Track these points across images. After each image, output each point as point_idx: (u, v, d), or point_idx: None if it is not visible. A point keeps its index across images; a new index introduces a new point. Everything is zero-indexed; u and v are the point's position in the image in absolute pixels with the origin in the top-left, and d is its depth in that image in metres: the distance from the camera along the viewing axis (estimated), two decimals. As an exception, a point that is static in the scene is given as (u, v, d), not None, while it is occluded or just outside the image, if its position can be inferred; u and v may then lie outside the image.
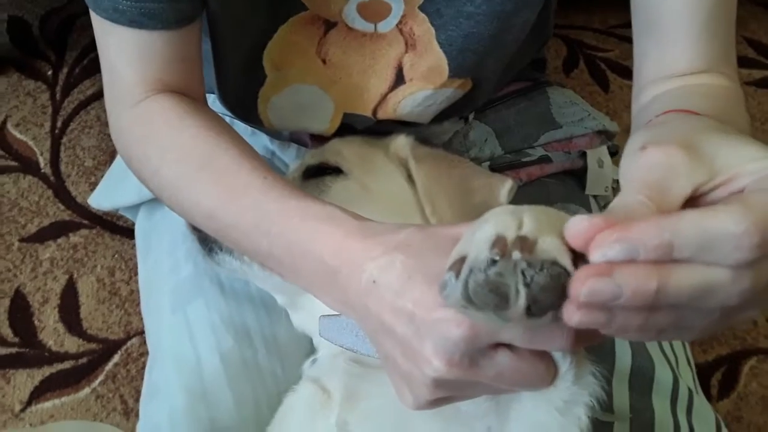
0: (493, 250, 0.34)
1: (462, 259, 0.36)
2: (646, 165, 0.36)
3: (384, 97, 0.71)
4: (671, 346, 0.73)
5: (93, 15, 0.59)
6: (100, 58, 0.62)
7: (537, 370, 0.40)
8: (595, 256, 0.32)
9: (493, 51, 0.69)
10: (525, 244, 0.34)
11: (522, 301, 0.34)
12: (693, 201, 0.36)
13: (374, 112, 0.73)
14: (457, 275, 0.35)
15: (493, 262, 0.34)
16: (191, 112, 0.60)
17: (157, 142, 0.60)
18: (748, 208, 0.32)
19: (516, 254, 0.34)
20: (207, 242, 0.68)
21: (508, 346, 0.40)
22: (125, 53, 0.60)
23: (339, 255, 0.46)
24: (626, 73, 1.55)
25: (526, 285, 0.33)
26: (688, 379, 0.71)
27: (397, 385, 0.45)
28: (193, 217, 0.59)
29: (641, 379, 0.67)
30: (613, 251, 0.32)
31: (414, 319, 0.40)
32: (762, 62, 1.71)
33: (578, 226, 0.33)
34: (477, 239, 0.36)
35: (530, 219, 0.37)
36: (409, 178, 0.68)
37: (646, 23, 0.62)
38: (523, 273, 0.34)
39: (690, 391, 0.68)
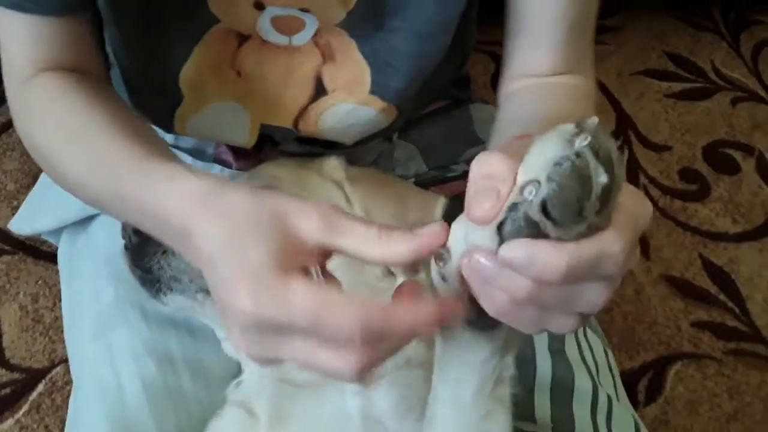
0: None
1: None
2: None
3: (305, 109, 0.72)
4: (592, 353, 0.75)
5: None
6: None
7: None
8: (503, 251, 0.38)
9: (412, 71, 0.70)
10: None
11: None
12: None
13: (295, 124, 0.73)
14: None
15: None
16: (73, 86, 0.61)
17: (36, 116, 0.61)
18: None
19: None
20: (154, 284, 0.68)
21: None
22: (13, 34, 0.61)
23: (178, 218, 0.46)
24: (552, 87, 1.59)
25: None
26: (608, 386, 0.72)
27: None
28: (73, 191, 0.60)
29: (562, 388, 0.68)
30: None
31: (219, 293, 0.42)
32: (681, 75, 1.77)
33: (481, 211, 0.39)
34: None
35: None
36: (346, 198, 0.68)
37: (516, 25, 0.67)
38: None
39: (609, 398, 0.70)
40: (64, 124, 0.59)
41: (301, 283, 0.39)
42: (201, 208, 0.45)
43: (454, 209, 0.73)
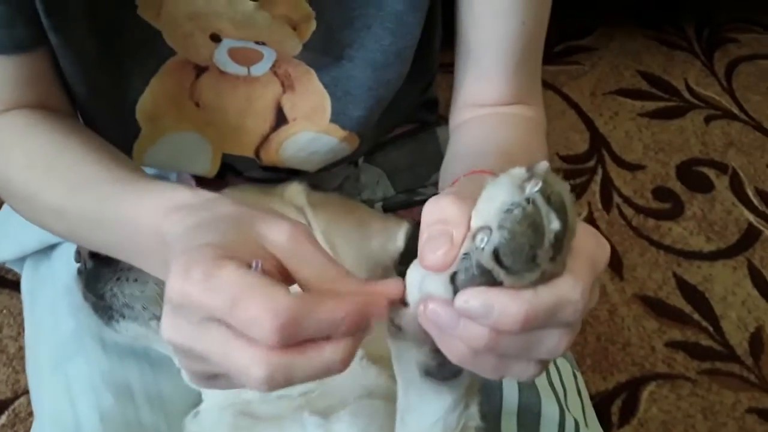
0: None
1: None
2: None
3: (266, 138, 0.71)
4: (560, 377, 0.74)
5: None
6: None
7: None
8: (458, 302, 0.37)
9: (371, 99, 0.70)
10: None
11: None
12: None
13: (257, 153, 0.72)
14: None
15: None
16: (41, 120, 0.60)
17: (7, 152, 0.60)
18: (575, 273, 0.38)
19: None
20: (107, 311, 0.66)
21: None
22: None
23: (164, 225, 0.45)
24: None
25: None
26: (576, 410, 0.72)
27: None
28: (47, 224, 0.59)
29: (528, 415, 0.67)
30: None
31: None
32: (655, 94, 1.79)
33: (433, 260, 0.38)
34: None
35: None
36: (307, 224, 0.68)
37: (465, 56, 0.68)
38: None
39: (576, 423, 0.69)
40: (40, 155, 0.58)
41: (234, 267, 0.37)
42: (184, 210, 0.45)
43: (417, 235, 0.72)
